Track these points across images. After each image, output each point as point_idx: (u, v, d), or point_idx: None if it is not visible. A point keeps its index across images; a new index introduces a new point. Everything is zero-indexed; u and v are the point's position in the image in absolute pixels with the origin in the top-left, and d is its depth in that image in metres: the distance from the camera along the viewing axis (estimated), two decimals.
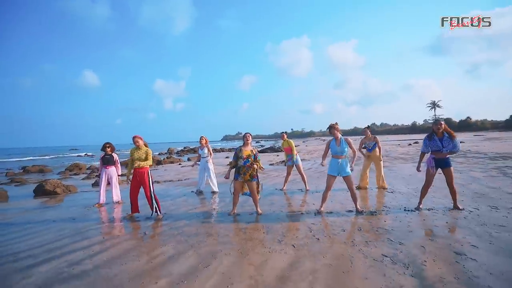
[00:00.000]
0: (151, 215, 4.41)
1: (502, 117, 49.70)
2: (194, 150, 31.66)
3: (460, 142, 4.13)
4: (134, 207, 4.46)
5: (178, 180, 8.78)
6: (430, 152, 4.08)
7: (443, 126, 3.88)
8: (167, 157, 20.12)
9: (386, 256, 2.57)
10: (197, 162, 6.55)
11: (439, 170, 4.05)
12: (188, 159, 19.04)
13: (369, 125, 6.55)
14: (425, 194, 4.18)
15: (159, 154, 27.73)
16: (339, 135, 4.08)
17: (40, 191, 7.08)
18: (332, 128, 4.09)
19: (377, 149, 5.67)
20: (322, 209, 4.20)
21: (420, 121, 70.29)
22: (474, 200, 4.46)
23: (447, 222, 3.47)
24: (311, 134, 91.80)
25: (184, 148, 39.72)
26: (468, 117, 60.06)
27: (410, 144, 20.78)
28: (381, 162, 5.68)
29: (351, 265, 2.42)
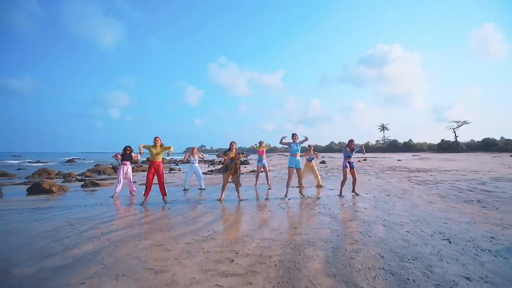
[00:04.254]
0: (163, 198, 5.90)
1: (437, 140, 58.73)
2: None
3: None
4: (148, 190, 5.84)
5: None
6: (345, 159, 6.58)
7: (353, 143, 6.47)
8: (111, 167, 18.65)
9: (320, 213, 4.56)
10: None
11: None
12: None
13: (313, 145, 8.77)
14: (343, 185, 6.53)
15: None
16: (297, 141, 6.38)
17: (36, 189, 7.74)
18: (294, 135, 6.41)
19: (314, 160, 8.17)
20: (286, 196, 6.18)
21: (372, 141, 76.80)
22: (379, 191, 6.91)
23: (353, 201, 5.68)
24: (274, 149, 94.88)
25: None
26: (410, 140, 65.65)
27: (359, 161, 24.18)
28: (316, 168, 8.19)
29: (301, 218, 4.34)
